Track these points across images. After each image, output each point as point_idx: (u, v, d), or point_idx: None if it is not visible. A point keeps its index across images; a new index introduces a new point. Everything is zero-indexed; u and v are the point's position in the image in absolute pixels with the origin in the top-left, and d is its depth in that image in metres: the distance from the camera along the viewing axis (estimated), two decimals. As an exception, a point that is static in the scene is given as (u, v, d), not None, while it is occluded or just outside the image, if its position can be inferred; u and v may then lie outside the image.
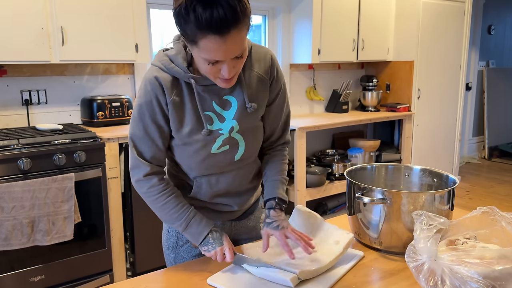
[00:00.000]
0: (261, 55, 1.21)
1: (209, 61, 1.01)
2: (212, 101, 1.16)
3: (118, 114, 2.94)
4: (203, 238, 1.17)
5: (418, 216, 1.06)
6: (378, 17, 4.14)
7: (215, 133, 1.17)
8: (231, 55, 1.00)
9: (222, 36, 0.95)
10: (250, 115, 1.20)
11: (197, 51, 1.00)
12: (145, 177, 1.17)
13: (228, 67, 1.02)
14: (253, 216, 1.43)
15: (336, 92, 4.21)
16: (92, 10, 2.69)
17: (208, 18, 0.92)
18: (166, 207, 1.18)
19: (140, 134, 1.15)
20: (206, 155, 1.19)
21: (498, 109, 6.25)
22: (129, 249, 2.83)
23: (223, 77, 1.05)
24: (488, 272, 0.93)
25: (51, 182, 2.30)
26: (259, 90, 1.21)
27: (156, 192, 1.18)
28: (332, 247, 1.22)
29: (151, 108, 1.12)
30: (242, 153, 1.23)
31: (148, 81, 1.12)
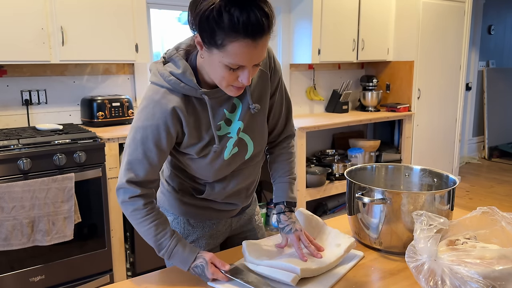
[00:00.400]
0: None
1: (231, 67, 1.00)
2: (224, 109, 1.15)
3: (118, 114, 2.94)
4: (188, 267, 1.12)
5: (418, 216, 1.06)
6: (378, 17, 4.14)
7: (225, 137, 1.17)
8: (256, 60, 1.00)
9: (255, 41, 0.95)
10: (255, 116, 1.20)
11: (221, 56, 0.98)
12: (130, 199, 1.12)
13: (249, 73, 1.02)
14: (249, 209, 1.45)
15: (336, 92, 4.21)
16: (92, 10, 2.69)
17: (245, 21, 0.92)
18: (148, 233, 1.13)
19: (138, 158, 1.10)
20: (220, 164, 1.18)
21: (498, 109, 6.25)
22: (129, 249, 2.83)
23: (241, 83, 1.04)
24: (488, 272, 0.93)
25: (51, 182, 2.30)
26: (261, 87, 1.21)
27: (140, 216, 1.13)
28: (333, 249, 1.22)
29: (156, 133, 1.08)
30: (251, 152, 1.24)
31: (158, 105, 1.07)
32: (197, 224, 1.34)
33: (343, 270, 1.17)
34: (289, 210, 1.28)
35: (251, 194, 1.38)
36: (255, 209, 1.48)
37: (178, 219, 1.34)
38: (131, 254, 2.81)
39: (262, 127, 1.24)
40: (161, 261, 2.97)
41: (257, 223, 1.48)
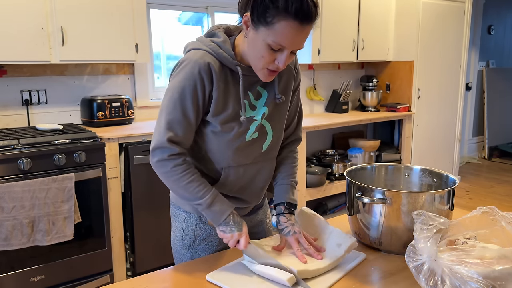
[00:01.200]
0: None
1: (272, 47, 1.06)
2: (248, 90, 1.21)
3: (118, 114, 2.94)
4: (225, 217, 1.18)
5: (418, 216, 1.06)
6: (378, 17, 4.14)
7: (250, 120, 1.21)
8: (297, 45, 1.07)
9: (302, 25, 1.03)
10: (278, 106, 1.25)
11: (267, 34, 1.05)
12: (170, 157, 1.15)
13: (286, 57, 1.08)
14: (261, 210, 1.45)
15: (336, 92, 4.21)
16: (92, 10, 2.69)
17: (298, 6, 1.01)
18: (190, 185, 1.17)
19: (178, 117, 1.14)
20: (240, 144, 1.22)
21: (498, 109, 6.25)
22: (129, 249, 2.83)
23: (275, 66, 1.10)
24: (488, 272, 0.93)
25: (51, 182, 2.30)
26: (287, 82, 1.27)
27: (181, 171, 1.16)
28: (333, 249, 1.22)
29: (195, 91, 1.13)
30: (269, 142, 1.27)
31: (197, 64, 1.12)
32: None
33: (343, 270, 1.17)
34: (289, 211, 1.29)
35: (262, 193, 1.38)
36: (267, 212, 1.48)
37: (190, 216, 1.33)
38: (131, 254, 2.81)
39: (282, 120, 1.29)
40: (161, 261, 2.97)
41: (267, 226, 1.48)
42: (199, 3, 3.54)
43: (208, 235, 1.33)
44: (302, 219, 1.34)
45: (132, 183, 2.67)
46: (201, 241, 1.33)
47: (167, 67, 3.61)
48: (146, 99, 3.32)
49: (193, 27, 3.71)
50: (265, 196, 1.47)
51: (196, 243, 1.33)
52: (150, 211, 2.76)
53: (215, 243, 1.34)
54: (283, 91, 1.26)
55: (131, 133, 2.68)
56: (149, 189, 2.72)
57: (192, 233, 1.33)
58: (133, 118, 3.04)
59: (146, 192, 2.72)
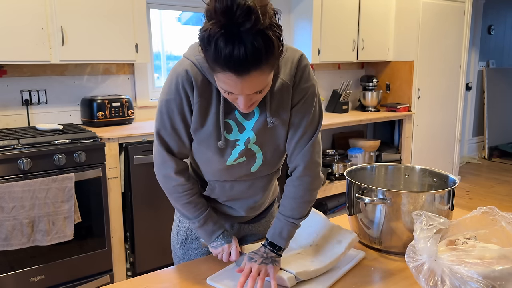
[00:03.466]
0: (288, 60, 1.10)
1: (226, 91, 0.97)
2: (236, 109, 1.10)
3: (118, 114, 2.94)
4: (216, 236, 1.19)
5: (418, 216, 1.06)
6: (378, 17, 4.14)
7: (231, 143, 1.12)
8: (248, 92, 0.95)
9: (239, 76, 0.90)
10: (270, 129, 1.12)
11: (216, 79, 0.97)
12: (175, 174, 1.15)
13: (245, 101, 0.98)
14: (264, 220, 1.40)
15: (336, 92, 4.21)
16: (92, 10, 2.69)
17: (227, 56, 0.87)
18: (187, 205, 1.18)
19: (167, 131, 1.11)
20: (221, 166, 1.15)
21: (498, 109, 6.25)
22: (129, 249, 2.83)
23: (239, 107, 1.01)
24: (488, 272, 0.93)
25: (51, 182, 2.29)
26: (283, 100, 1.11)
27: (182, 190, 1.17)
28: (334, 246, 1.21)
29: (180, 105, 1.08)
30: (259, 165, 1.18)
31: (180, 77, 1.06)
32: None
33: (343, 270, 1.17)
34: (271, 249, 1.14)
35: (260, 207, 1.31)
36: (270, 222, 1.41)
37: None
38: (131, 254, 2.81)
39: (277, 142, 1.15)
40: (161, 261, 2.98)
41: None
42: (199, 3, 3.54)
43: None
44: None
45: (132, 183, 2.67)
46: (192, 239, 1.34)
47: (167, 67, 3.61)
48: (146, 99, 3.31)
49: (193, 27, 3.71)
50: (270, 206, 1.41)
51: (188, 240, 1.35)
52: (150, 211, 2.75)
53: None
54: (275, 112, 1.10)
55: (131, 133, 2.68)
56: (149, 189, 2.72)
57: (185, 230, 1.35)
58: (133, 118, 3.04)
59: (146, 192, 2.72)
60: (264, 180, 1.24)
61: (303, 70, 1.11)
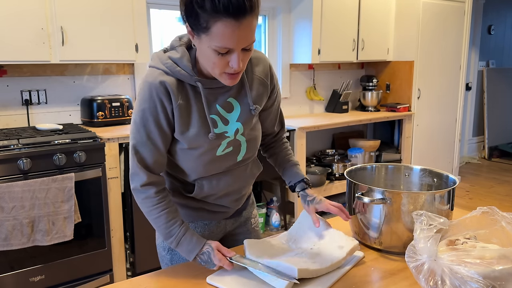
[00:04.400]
0: (259, 59, 1.24)
1: (219, 51, 1.00)
2: (216, 104, 1.16)
3: (118, 114, 2.94)
4: (194, 257, 1.16)
5: (418, 216, 1.06)
6: (378, 17, 4.14)
7: (221, 136, 1.17)
8: (243, 43, 1.01)
9: (238, 20, 0.96)
10: (252, 117, 1.22)
11: (208, 40, 0.99)
12: (142, 187, 1.14)
13: (238, 57, 1.02)
14: (245, 212, 1.45)
15: (336, 92, 4.21)
16: (92, 10, 2.69)
17: (226, 3, 0.94)
18: (158, 221, 1.16)
19: (142, 140, 1.12)
20: (210, 158, 1.19)
21: (498, 109, 6.25)
22: (129, 249, 2.83)
23: (231, 69, 1.04)
24: (488, 272, 0.93)
25: (51, 182, 2.30)
26: (260, 92, 1.24)
27: (151, 204, 1.15)
28: (335, 251, 1.21)
29: (155, 113, 1.10)
30: (244, 154, 1.26)
31: (153, 86, 1.09)
32: (189, 224, 1.33)
33: (343, 270, 1.17)
34: (309, 186, 1.37)
35: (243, 198, 1.37)
36: (252, 212, 1.47)
37: None
38: (131, 254, 2.81)
39: (256, 131, 1.27)
40: (161, 261, 2.90)
41: (252, 226, 1.47)
42: (199, 3, 3.53)
43: None
44: (304, 221, 1.34)
45: (132, 183, 2.67)
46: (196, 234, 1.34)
47: (167, 67, 3.60)
48: (146, 99, 3.31)
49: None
50: (248, 197, 1.45)
51: None
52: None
53: None
54: (256, 100, 1.22)
55: (131, 133, 2.68)
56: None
57: None
58: (133, 118, 3.04)
59: (146, 192, 2.72)
60: (247, 169, 1.31)
61: (273, 70, 1.29)
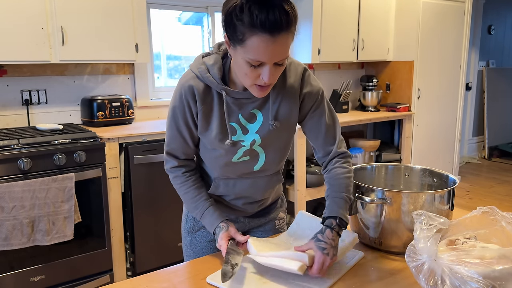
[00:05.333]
0: (291, 70, 1.23)
1: (251, 63, 1.04)
2: (239, 113, 1.21)
3: (118, 114, 2.94)
4: (214, 229, 1.25)
5: (418, 216, 1.06)
6: (378, 17, 4.14)
7: (237, 144, 1.23)
8: (276, 58, 1.04)
9: (272, 36, 0.99)
10: (274, 132, 1.23)
11: (243, 51, 1.03)
12: (171, 169, 1.30)
13: (270, 71, 1.05)
14: (269, 215, 1.46)
15: (336, 92, 4.21)
16: (92, 10, 2.69)
17: (263, 18, 0.98)
18: (186, 196, 1.30)
19: (173, 134, 1.25)
20: (226, 162, 1.26)
21: (498, 109, 6.25)
22: (129, 249, 2.83)
23: (262, 81, 1.07)
24: (488, 272, 0.93)
25: (51, 182, 2.30)
26: (286, 106, 1.22)
27: (179, 182, 1.30)
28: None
29: (183, 112, 1.21)
30: (261, 165, 1.28)
31: (183, 88, 1.19)
32: None
33: (343, 269, 1.17)
34: (338, 230, 1.16)
35: (260, 203, 1.39)
36: (278, 215, 1.48)
37: None
38: (131, 254, 2.81)
39: (280, 144, 1.28)
40: (161, 261, 2.97)
41: (276, 227, 1.48)
42: (199, 3, 3.54)
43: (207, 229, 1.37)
44: (302, 221, 1.34)
45: (132, 183, 2.67)
46: (199, 227, 1.41)
47: (167, 67, 3.61)
48: (146, 99, 3.32)
49: (193, 27, 3.71)
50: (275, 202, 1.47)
51: (195, 229, 1.42)
52: (150, 211, 2.75)
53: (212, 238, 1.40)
54: (281, 115, 1.21)
55: (131, 133, 2.68)
56: (149, 189, 2.72)
57: (192, 219, 1.42)
58: (133, 118, 3.04)
59: (146, 192, 2.72)
60: (264, 180, 1.33)
61: (310, 81, 1.25)
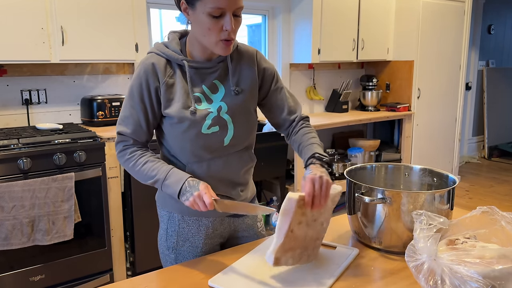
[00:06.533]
0: (245, 50, 1.34)
1: (213, 14, 1.12)
2: (202, 84, 1.26)
3: (118, 114, 2.94)
4: (181, 185, 1.18)
5: (418, 215, 1.06)
6: (378, 17, 4.14)
7: (204, 111, 1.24)
8: (234, 4, 1.12)
9: None
10: (238, 98, 1.28)
11: (203, 5, 1.12)
12: (124, 147, 1.28)
13: (230, 20, 1.13)
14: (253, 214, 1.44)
15: (336, 92, 4.21)
16: (92, 10, 2.69)
17: None
18: (145, 166, 1.24)
19: (127, 113, 1.26)
20: (196, 134, 1.24)
21: (498, 109, 6.25)
22: (129, 249, 2.83)
23: (225, 32, 1.14)
24: (488, 272, 0.93)
25: (51, 181, 2.30)
26: (246, 77, 1.31)
27: (136, 156, 1.26)
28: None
29: (139, 90, 1.23)
30: (231, 137, 1.28)
31: (142, 66, 1.23)
32: (192, 221, 1.34)
33: (341, 268, 1.17)
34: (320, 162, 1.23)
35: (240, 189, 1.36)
36: (257, 216, 1.47)
37: (173, 216, 1.35)
38: (131, 254, 2.81)
39: (246, 115, 1.31)
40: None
41: (259, 229, 1.47)
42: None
43: (191, 235, 1.34)
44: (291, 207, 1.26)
45: (132, 183, 2.67)
46: (184, 241, 1.35)
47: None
48: (146, 99, 3.31)
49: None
50: (254, 198, 1.46)
51: (179, 244, 1.35)
52: (150, 211, 2.75)
53: (199, 245, 1.35)
54: (240, 83, 1.29)
55: (131, 133, 2.68)
56: (149, 189, 2.71)
57: (175, 233, 1.35)
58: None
59: (146, 192, 2.72)
60: (236, 156, 1.32)
61: (264, 59, 1.37)
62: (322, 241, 1.24)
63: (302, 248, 1.15)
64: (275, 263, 1.11)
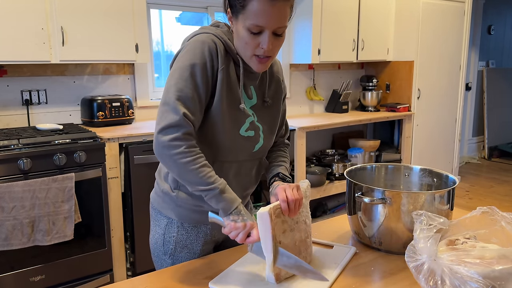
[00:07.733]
0: (277, 63, 1.36)
1: (251, 30, 1.09)
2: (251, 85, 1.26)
3: (118, 114, 2.94)
4: (237, 205, 1.11)
5: (418, 216, 1.06)
6: (378, 17, 4.14)
7: (246, 113, 1.22)
8: (274, 23, 1.08)
9: (271, 1, 1.05)
10: (266, 110, 1.29)
11: (243, 19, 1.09)
12: (184, 136, 1.09)
13: (269, 39, 1.10)
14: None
15: (336, 92, 4.21)
16: (92, 10, 2.69)
17: None
18: (203, 169, 1.10)
19: (189, 93, 1.11)
20: (234, 133, 1.20)
21: (498, 109, 6.25)
22: (129, 249, 2.83)
23: (261, 50, 1.11)
24: (488, 272, 0.93)
25: (51, 182, 2.30)
26: (276, 90, 1.33)
27: (195, 153, 1.10)
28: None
29: (204, 69, 1.13)
30: (261, 145, 1.28)
31: (206, 44, 1.14)
32: (191, 228, 1.31)
33: (340, 268, 1.17)
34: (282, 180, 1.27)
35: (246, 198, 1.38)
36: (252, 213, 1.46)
37: (172, 223, 1.31)
38: (131, 254, 2.81)
39: (273, 126, 1.32)
40: (161, 261, 2.89)
41: None
42: (199, 3, 3.54)
43: (189, 243, 1.31)
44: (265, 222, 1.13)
45: (132, 183, 2.67)
46: (182, 248, 1.31)
47: (167, 67, 3.61)
48: (146, 99, 3.32)
49: (193, 27, 3.71)
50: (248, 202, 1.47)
51: (177, 250, 1.31)
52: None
53: (197, 251, 1.32)
54: (272, 97, 1.31)
55: (131, 133, 2.68)
56: (149, 189, 2.71)
57: (173, 240, 1.31)
58: (133, 118, 3.04)
59: (146, 192, 2.72)
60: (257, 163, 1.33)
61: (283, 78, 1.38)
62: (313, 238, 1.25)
63: (296, 253, 1.14)
64: (277, 280, 1.10)
